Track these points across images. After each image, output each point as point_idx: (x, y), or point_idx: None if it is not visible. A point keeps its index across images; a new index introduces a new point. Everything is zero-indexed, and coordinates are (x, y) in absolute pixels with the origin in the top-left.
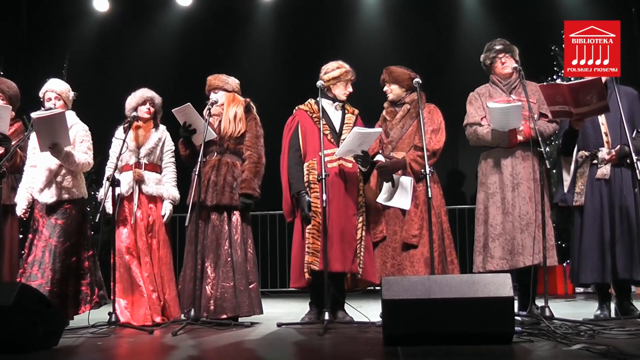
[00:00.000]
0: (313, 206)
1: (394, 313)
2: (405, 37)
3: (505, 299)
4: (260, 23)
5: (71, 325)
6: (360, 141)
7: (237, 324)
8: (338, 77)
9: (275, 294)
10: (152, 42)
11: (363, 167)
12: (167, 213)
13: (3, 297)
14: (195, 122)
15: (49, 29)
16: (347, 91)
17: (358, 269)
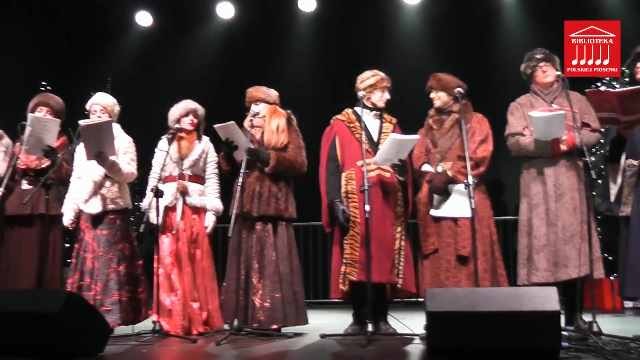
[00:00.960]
0: (352, 216)
1: (439, 325)
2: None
3: (552, 313)
4: (300, 34)
5: (116, 332)
6: (398, 148)
7: (280, 335)
8: (374, 85)
9: (318, 304)
10: (193, 54)
11: (401, 177)
12: (210, 224)
13: (50, 305)
14: (238, 139)
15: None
16: (384, 98)
17: (397, 279)
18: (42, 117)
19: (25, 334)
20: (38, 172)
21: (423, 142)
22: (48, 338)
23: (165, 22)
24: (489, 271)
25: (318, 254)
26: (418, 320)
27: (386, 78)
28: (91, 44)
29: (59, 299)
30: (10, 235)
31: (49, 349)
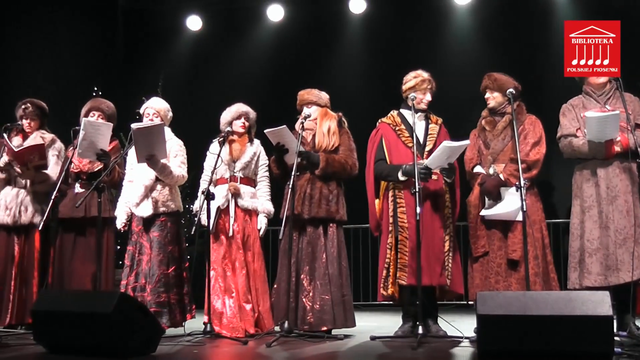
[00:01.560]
0: (400, 221)
1: (489, 328)
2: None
3: (604, 317)
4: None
5: (168, 333)
6: (449, 154)
7: (330, 337)
8: (414, 87)
9: (368, 307)
10: (244, 57)
11: (448, 179)
12: (262, 227)
13: (103, 305)
14: (289, 143)
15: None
16: (425, 100)
17: (446, 281)
18: (95, 122)
19: (80, 333)
20: (91, 176)
21: (475, 143)
22: (102, 337)
23: (215, 25)
24: (540, 275)
25: (368, 256)
26: (467, 322)
27: (427, 79)
28: (143, 49)
29: (111, 300)
30: (64, 238)
31: (103, 348)
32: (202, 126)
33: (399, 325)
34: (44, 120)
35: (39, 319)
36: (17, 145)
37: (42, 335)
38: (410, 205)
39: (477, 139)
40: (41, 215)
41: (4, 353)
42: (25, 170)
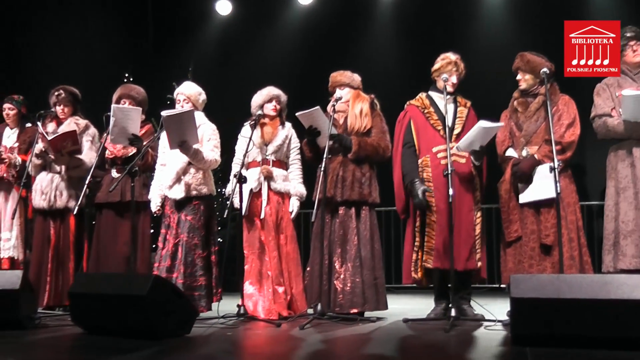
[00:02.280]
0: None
1: (523, 312)
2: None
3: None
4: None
5: (201, 315)
6: (483, 136)
7: (363, 319)
8: (439, 70)
9: (401, 289)
10: (274, 41)
11: (477, 162)
12: (294, 209)
13: (138, 288)
14: (320, 125)
15: (173, 35)
16: (451, 82)
17: (476, 265)
18: (125, 107)
19: (116, 314)
20: (125, 161)
21: (507, 125)
22: (137, 319)
23: (244, 9)
24: (575, 258)
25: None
26: (500, 306)
27: (453, 61)
28: (172, 35)
29: (146, 282)
30: (101, 222)
31: (138, 329)
32: (233, 110)
33: (432, 307)
34: (77, 106)
35: (76, 300)
36: (51, 132)
37: (79, 317)
38: (438, 189)
39: (508, 121)
40: (76, 200)
41: (43, 333)
42: (59, 157)
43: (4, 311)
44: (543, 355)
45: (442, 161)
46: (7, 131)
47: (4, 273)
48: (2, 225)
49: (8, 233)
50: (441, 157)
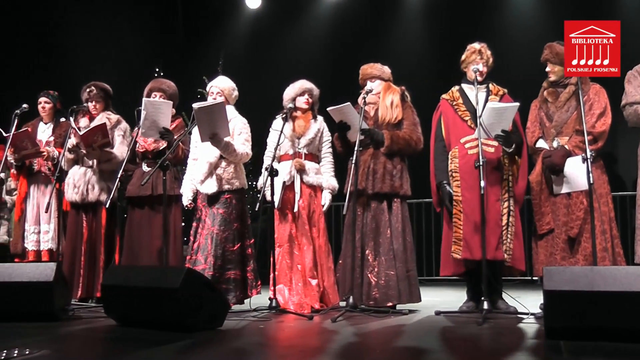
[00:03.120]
0: (455, 195)
1: (556, 305)
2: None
3: None
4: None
5: (233, 309)
6: (498, 118)
7: (395, 312)
8: (465, 60)
9: (433, 282)
10: (304, 34)
11: (507, 148)
12: (326, 202)
13: (171, 280)
14: (351, 119)
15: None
16: (478, 71)
17: (504, 256)
18: (155, 101)
19: (149, 307)
20: (156, 155)
21: (537, 115)
22: (169, 312)
23: (274, 3)
24: (608, 250)
25: (431, 230)
26: (532, 298)
27: (478, 50)
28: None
29: (179, 275)
30: (133, 216)
31: (171, 321)
32: (263, 103)
33: (464, 300)
34: (109, 102)
35: (109, 293)
36: (83, 127)
37: (112, 309)
38: (464, 179)
39: (538, 111)
40: (107, 194)
41: (77, 325)
42: (91, 151)
43: (39, 303)
44: (577, 348)
45: (469, 151)
46: (41, 126)
47: (38, 265)
48: (40, 218)
49: (47, 226)
50: (469, 147)
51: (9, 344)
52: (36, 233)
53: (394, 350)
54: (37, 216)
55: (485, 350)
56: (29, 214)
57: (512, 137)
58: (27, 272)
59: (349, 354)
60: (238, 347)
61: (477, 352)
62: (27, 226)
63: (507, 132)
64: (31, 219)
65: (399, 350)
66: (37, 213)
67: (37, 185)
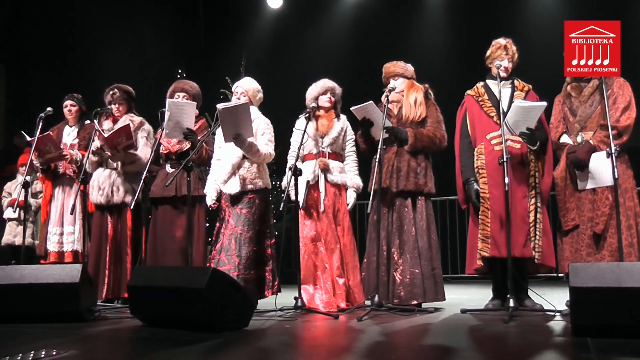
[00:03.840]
0: (482, 192)
1: (583, 302)
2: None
3: None
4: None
5: (259, 308)
6: (524, 116)
7: (420, 310)
8: (490, 56)
9: (458, 279)
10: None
11: (531, 145)
12: (351, 201)
13: (197, 281)
14: (375, 118)
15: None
16: (502, 67)
17: (532, 253)
18: (179, 101)
19: (175, 307)
20: (180, 156)
21: (561, 110)
22: (195, 312)
23: (295, 2)
24: (635, 246)
25: (455, 228)
26: (558, 295)
27: (503, 45)
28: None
29: (204, 276)
30: (157, 216)
31: (196, 322)
32: (286, 103)
33: (489, 298)
34: (132, 104)
35: (135, 293)
36: (107, 129)
37: (138, 309)
38: (491, 175)
39: (562, 106)
40: (132, 195)
41: (103, 325)
42: (115, 153)
43: (65, 303)
44: (605, 346)
45: (495, 147)
46: (66, 129)
47: (64, 267)
48: (64, 219)
49: (71, 227)
50: (495, 144)
51: (36, 344)
52: (59, 234)
53: (421, 348)
54: (60, 218)
55: (513, 348)
56: (53, 215)
57: (537, 134)
58: (53, 273)
59: (376, 353)
60: (264, 346)
61: (504, 350)
62: (49, 227)
63: (532, 130)
64: (54, 221)
65: (426, 348)
66: (60, 215)
67: (61, 187)
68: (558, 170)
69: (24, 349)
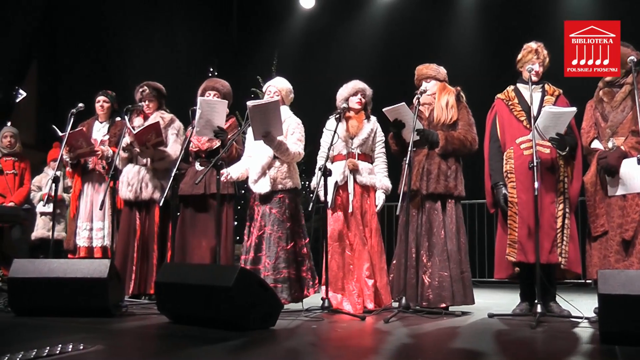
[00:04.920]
0: (510, 196)
1: (611, 309)
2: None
3: None
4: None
5: (286, 308)
6: (554, 122)
7: (448, 313)
8: (521, 60)
9: (485, 283)
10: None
11: (560, 151)
12: (379, 203)
13: (224, 279)
14: (407, 120)
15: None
16: (533, 71)
17: (559, 259)
18: (211, 100)
19: (202, 305)
20: (210, 154)
21: (592, 115)
22: (222, 310)
23: (328, 3)
24: None
25: (484, 232)
26: (585, 302)
27: (534, 49)
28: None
29: (232, 274)
30: (186, 214)
31: (223, 320)
32: (317, 103)
33: (516, 302)
34: (162, 101)
35: (162, 290)
36: (137, 126)
37: (165, 306)
38: (520, 180)
39: (594, 111)
40: (161, 192)
41: (130, 321)
42: (144, 150)
43: (93, 299)
44: (634, 354)
45: (525, 152)
46: (97, 125)
47: (92, 262)
48: (93, 215)
49: (100, 223)
50: (524, 148)
51: (64, 338)
52: (88, 230)
53: (448, 352)
54: (90, 213)
55: (540, 354)
56: (82, 211)
57: (566, 140)
58: (81, 268)
59: (403, 355)
60: (290, 346)
61: (531, 355)
62: (79, 222)
63: (561, 135)
64: (84, 216)
65: (452, 352)
66: (90, 210)
67: (91, 183)
68: (588, 175)
69: (52, 342)
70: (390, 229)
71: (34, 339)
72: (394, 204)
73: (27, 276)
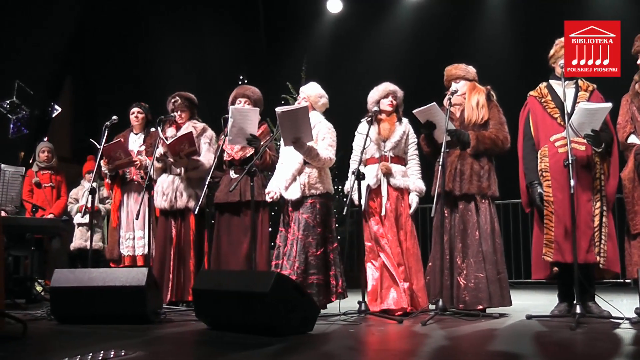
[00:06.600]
0: (545, 195)
1: None
2: None
3: None
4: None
5: (322, 312)
6: (589, 118)
7: (485, 315)
8: (554, 56)
9: (523, 284)
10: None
11: (596, 148)
12: (413, 205)
13: (261, 285)
14: (437, 120)
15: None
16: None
17: (596, 259)
18: (242, 108)
19: (239, 311)
20: (243, 162)
21: (628, 110)
22: (260, 316)
23: (355, 6)
24: None
25: (519, 232)
26: (626, 302)
27: None
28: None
29: (269, 280)
30: (221, 221)
31: (261, 326)
32: (348, 107)
33: (554, 303)
34: (194, 111)
35: (200, 297)
36: (170, 136)
37: (203, 313)
38: (555, 178)
39: (630, 105)
40: (195, 200)
41: (169, 328)
42: (178, 159)
43: (132, 306)
44: None
45: (559, 149)
46: (132, 136)
47: (130, 270)
48: (135, 224)
49: (141, 232)
50: (559, 146)
51: (105, 345)
52: (131, 239)
53: (487, 354)
54: (131, 223)
55: (581, 357)
56: (124, 221)
57: (602, 136)
58: (120, 276)
59: (441, 357)
60: (329, 351)
61: (572, 357)
62: (122, 233)
63: (597, 132)
64: (126, 226)
65: (491, 354)
66: (131, 220)
67: (130, 193)
68: (626, 171)
69: (95, 348)
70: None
71: (77, 346)
72: (428, 206)
73: (68, 285)
